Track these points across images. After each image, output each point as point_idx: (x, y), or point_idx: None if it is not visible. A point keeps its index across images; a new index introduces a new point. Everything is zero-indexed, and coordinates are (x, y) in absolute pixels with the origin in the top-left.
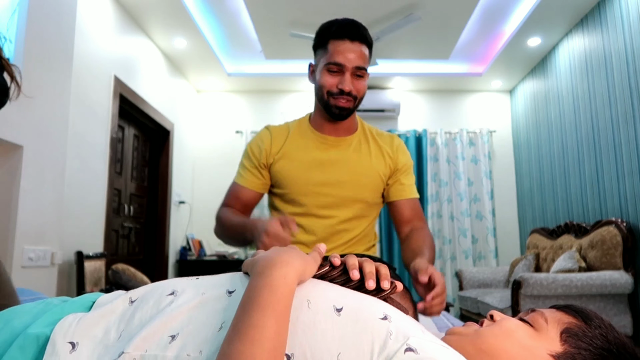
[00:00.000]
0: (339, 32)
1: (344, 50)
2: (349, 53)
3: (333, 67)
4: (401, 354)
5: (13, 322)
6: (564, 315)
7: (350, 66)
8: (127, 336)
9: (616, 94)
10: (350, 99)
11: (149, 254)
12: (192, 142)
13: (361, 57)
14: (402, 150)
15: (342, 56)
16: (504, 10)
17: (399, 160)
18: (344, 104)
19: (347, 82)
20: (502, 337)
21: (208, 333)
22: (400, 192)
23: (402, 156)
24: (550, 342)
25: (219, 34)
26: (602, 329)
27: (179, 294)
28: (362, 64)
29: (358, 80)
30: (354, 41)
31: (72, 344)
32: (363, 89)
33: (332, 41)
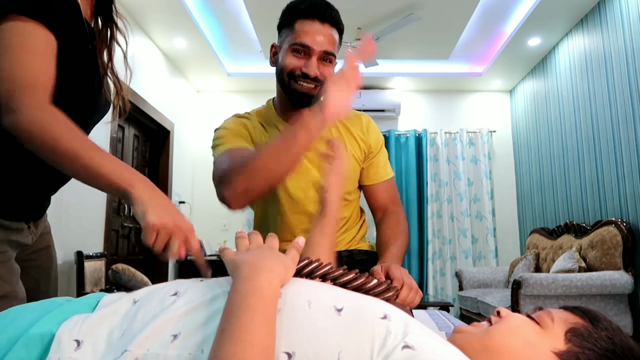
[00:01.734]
0: (308, 11)
1: (313, 32)
2: (318, 35)
3: (298, 48)
4: (399, 351)
5: (18, 320)
6: (571, 316)
7: (317, 49)
8: (129, 334)
9: (616, 94)
10: (315, 85)
11: (149, 254)
12: (192, 142)
13: (331, 42)
14: (373, 128)
15: (310, 37)
16: (504, 10)
17: (371, 141)
18: (307, 89)
19: (313, 65)
20: (507, 333)
21: (210, 333)
22: (375, 176)
23: (373, 135)
24: (555, 340)
25: (219, 34)
26: (608, 331)
27: (182, 294)
28: (331, 48)
29: (325, 66)
30: (324, 23)
31: (77, 341)
32: (329, 74)
33: (300, 20)
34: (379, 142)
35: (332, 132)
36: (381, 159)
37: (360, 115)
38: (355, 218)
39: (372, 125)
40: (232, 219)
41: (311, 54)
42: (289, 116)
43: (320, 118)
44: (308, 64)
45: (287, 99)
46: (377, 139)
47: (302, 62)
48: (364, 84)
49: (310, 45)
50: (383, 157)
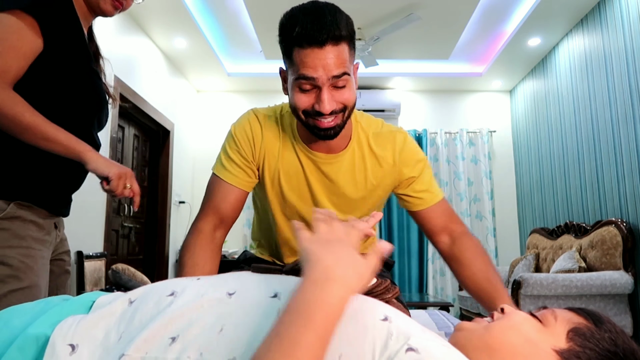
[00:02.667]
0: (302, 39)
1: (314, 61)
2: (320, 62)
3: (304, 84)
4: (402, 354)
5: (12, 321)
6: (575, 316)
7: (325, 78)
8: (127, 338)
9: (616, 94)
10: (334, 117)
11: (149, 254)
12: (192, 142)
13: (338, 61)
14: (405, 158)
15: (312, 69)
16: (504, 10)
17: (403, 173)
18: (328, 124)
19: (325, 101)
20: (508, 330)
21: (209, 335)
22: (421, 203)
23: (407, 167)
24: (556, 338)
25: (219, 34)
26: (612, 333)
27: (179, 294)
28: (339, 70)
29: (340, 91)
30: (324, 46)
31: (71, 346)
32: (349, 97)
33: (297, 50)
34: (416, 166)
35: (356, 159)
36: (424, 181)
37: (394, 139)
38: None
39: (405, 154)
40: None
41: (320, 85)
42: (310, 140)
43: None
44: (320, 100)
45: (310, 133)
46: (414, 164)
47: (312, 97)
48: (364, 84)
49: (315, 76)
50: (427, 179)
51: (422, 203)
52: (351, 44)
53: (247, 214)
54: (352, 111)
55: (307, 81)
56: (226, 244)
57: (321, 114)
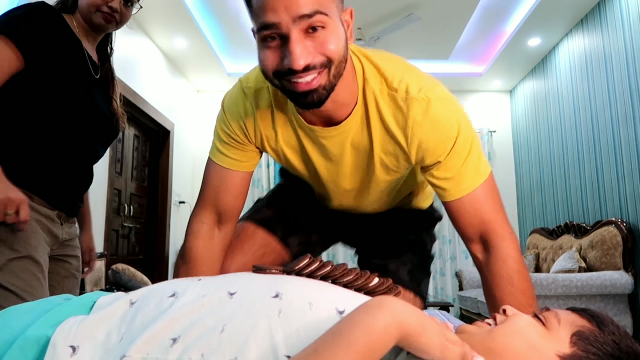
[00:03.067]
0: None
1: (273, 2)
2: (281, 2)
3: (267, 35)
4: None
5: (13, 322)
6: (578, 318)
7: (289, 20)
8: (128, 339)
9: (616, 94)
10: (315, 75)
11: (149, 254)
12: (192, 142)
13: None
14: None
15: (272, 12)
16: (504, 10)
17: (417, 157)
18: (308, 86)
19: (295, 51)
20: (511, 334)
21: (210, 336)
22: (443, 194)
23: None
24: (560, 343)
25: (219, 34)
26: (615, 335)
27: (180, 295)
28: (310, 7)
29: (316, 38)
30: None
31: (72, 347)
32: (332, 45)
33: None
34: (438, 148)
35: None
36: (450, 167)
37: (411, 103)
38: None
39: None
40: None
41: (286, 33)
42: (307, 113)
43: None
44: (288, 52)
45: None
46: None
47: (278, 53)
48: None
49: (276, 21)
50: (455, 163)
51: (445, 194)
52: None
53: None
54: (341, 66)
55: (269, 30)
56: None
57: (293, 71)
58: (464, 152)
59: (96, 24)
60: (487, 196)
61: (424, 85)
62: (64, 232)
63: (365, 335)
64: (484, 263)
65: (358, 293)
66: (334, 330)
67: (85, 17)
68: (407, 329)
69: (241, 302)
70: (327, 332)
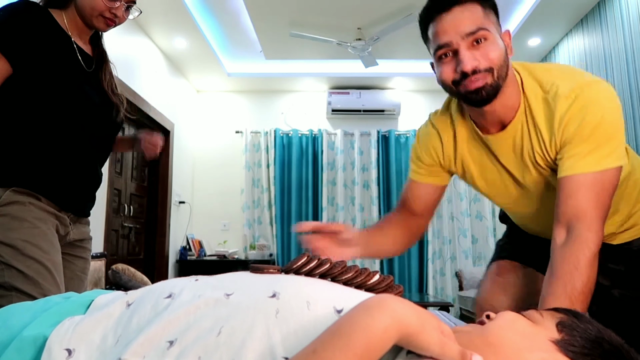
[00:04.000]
0: (429, 11)
1: (443, 27)
2: (449, 25)
3: (442, 53)
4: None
5: (10, 321)
6: (556, 313)
7: (458, 38)
8: (124, 341)
9: None
10: (482, 75)
11: (149, 254)
12: (192, 142)
13: (469, 19)
14: (567, 127)
15: (443, 34)
16: (504, 10)
17: (565, 133)
18: (477, 84)
19: (465, 59)
20: (504, 327)
21: (207, 339)
22: (560, 169)
23: (572, 124)
24: (549, 331)
25: (219, 34)
26: (592, 324)
27: (176, 296)
28: (472, 26)
29: (481, 48)
30: (451, 8)
31: (68, 350)
32: (494, 53)
33: (430, 25)
34: (577, 129)
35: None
36: (585, 145)
37: (558, 100)
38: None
39: (570, 114)
40: (232, 219)
41: (456, 48)
42: (478, 119)
43: None
44: (459, 61)
45: (469, 104)
46: (575, 129)
47: (452, 65)
48: (364, 84)
49: (448, 40)
50: (590, 144)
51: (562, 168)
52: (485, 5)
53: (248, 214)
54: (502, 72)
55: (443, 49)
56: (226, 243)
57: (466, 74)
58: (602, 138)
59: (96, 26)
60: (596, 187)
61: (576, 85)
62: (74, 232)
63: (365, 337)
64: (559, 244)
65: (358, 290)
66: (333, 331)
67: (85, 19)
68: (406, 329)
69: (238, 304)
70: (325, 332)
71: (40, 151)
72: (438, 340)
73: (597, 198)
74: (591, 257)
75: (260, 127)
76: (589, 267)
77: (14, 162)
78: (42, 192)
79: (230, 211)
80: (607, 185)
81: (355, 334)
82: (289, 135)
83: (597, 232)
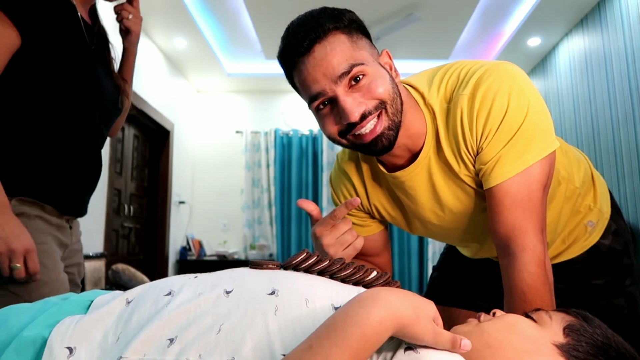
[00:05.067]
0: (287, 56)
1: (310, 73)
2: (316, 70)
3: (318, 106)
4: (401, 353)
5: (9, 322)
6: (567, 315)
7: (331, 84)
8: (124, 339)
9: (616, 94)
10: (375, 121)
11: (149, 254)
12: (192, 142)
13: (337, 57)
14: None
15: (313, 83)
16: (504, 10)
17: (476, 133)
18: (373, 134)
19: (348, 106)
20: (506, 329)
21: (207, 336)
22: (483, 182)
23: (480, 121)
24: (554, 334)
25: (219, 34)
26: (602, 328)
27: (176, 293)
28: (344, 64)
29: (362, 87)
30: (311, 48)
31: (69, 349)
32: (380, 89)
33: (294, 73)
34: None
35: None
36: (497, 145)
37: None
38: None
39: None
40: (232, 219)
41: (333, 95)
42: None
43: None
44: (342, 111)
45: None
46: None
47: (334, 116)
48: None
49: (320, 89)
50: (503, 140)
51: (483, 184)
52: (350, 31)
53: (248, 214)
54: (395, 103)
55: (318, 100)
56: (226, 244)
57: (353, 124)
58: (514, 127)
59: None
60: (521, 193)
61: (473, 77)
62: (72, 236)
63: (360, 330)
64: (504, 272)
65: (356, 287)
66: (328, 325)
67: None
68: (401, 320)
69: (237, 301)
70: (321, 327)
71: (46, 152)
72: (431, 330)
73: (525, 207)
74: (534, 282)
75: (260, 127)
76: (536, 293)
77: (19, 166)
78: (47, 199)
79: (230, 211)
80: (536, 185)
81: (351, 328)
82: (289, 135)
83: (532, 248)
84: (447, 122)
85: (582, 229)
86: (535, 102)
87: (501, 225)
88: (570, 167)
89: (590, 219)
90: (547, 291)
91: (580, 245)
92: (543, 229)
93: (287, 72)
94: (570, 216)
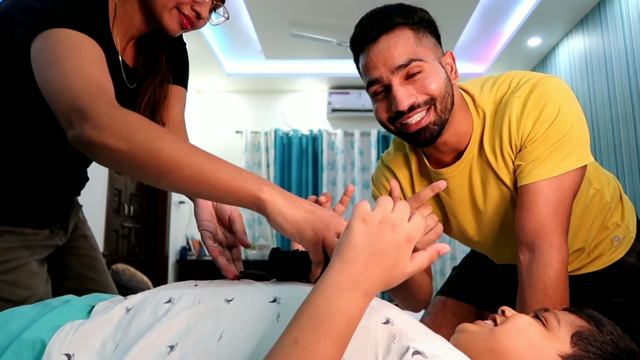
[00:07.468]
0: (357, 42)
1: (372, 60)
2: (378, 58)
3: (374, 90)
4: (409, 357)
5: (9, 325)
6: (577, 319)
7: (388, 73)
8: (124, 346)
9: (616, 94)
10: (423, 114)
11: (149, 254)
12: (192, 142)
13: (399, 49)
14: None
15: (373, 69)
16: (504, 10)
17: (523, 133)
18: (418, 125)
19: (399, 96)
20: (513, 335)
21: (208, 344)
22: (518, 178)
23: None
24: (561, 343)
25: (219, 34)
26: (613, 335)
27: (176, 301)
28: (403, 57)
29: (416, 81)
30: (378, 38)
31: (68, 355)
32: (433, 85)
33: (360, 57)
34: (534, 128)
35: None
36: (541, 147)
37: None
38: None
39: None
40: None
41: (388, 84)
42: (429, 152)
43: None
44: (392, 99)
45: (412, 144)
46: (530, 129)
47: (386, 103)
48: None
49: (378, 76)
50: (547, 144)
51: (518, 179)
52: (417, 28)
53: (248, 214)
54: (447, 102)
55: (375, 86)
56: None
57: (401, 113)
58: (559, 134)
59: (167, 26)
60: (555, 195)
61: (527, 83)
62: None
63: (346, 321)
64: (525, 266)
65: None
66: (311, 317)
67: (152, 11)
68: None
69: (238, 308)
70: (302, 318)
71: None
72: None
73: (557, 208)
74: (557, 278)
75: (260, 127)
76: (557, 289)
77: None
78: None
79: None
80: (568, 191)
81: (336, 319)
82: (289, 135)
83: (559, 247)
84: (493, 122)
85: (609, 244)
86: (579, 117)
87: (531, 222)
88: (601, 182)
89: (617, 234)
90: (566, 290)
91: (604, 259)
92: (567, 233)
93: (355, 56)
94: (599, 230)
